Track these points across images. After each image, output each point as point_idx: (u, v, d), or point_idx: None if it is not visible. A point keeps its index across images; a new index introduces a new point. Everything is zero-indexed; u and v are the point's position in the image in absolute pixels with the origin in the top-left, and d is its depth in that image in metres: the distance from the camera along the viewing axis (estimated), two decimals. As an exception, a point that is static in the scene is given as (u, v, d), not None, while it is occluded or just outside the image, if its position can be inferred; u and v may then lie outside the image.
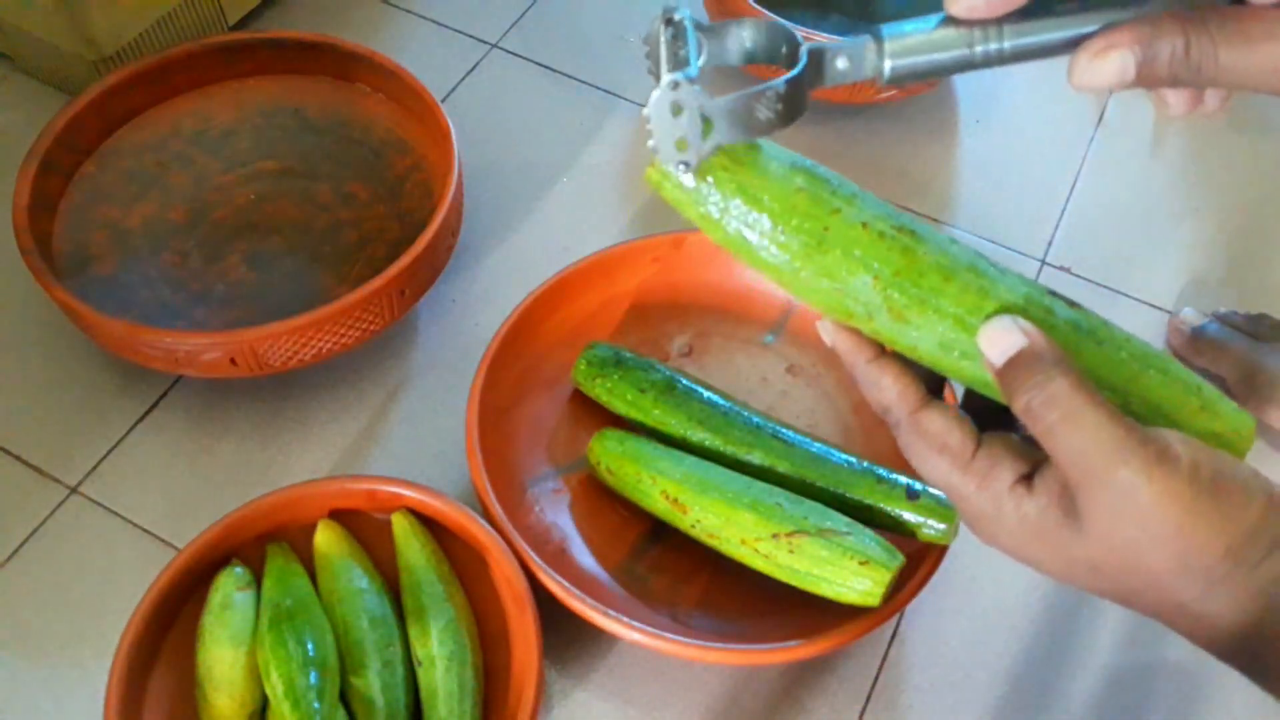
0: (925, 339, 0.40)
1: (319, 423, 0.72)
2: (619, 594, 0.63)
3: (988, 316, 0.39)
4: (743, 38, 0.40)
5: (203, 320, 0.72)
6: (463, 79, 0.92)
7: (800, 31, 0.40)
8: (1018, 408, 0.38)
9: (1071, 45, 0.38)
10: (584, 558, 0.65)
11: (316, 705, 0.55)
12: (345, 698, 0.57)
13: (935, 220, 0.85)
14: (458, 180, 0.73)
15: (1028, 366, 0.38)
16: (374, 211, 0.78)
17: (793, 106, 0.38)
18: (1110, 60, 0.37)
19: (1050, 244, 0.84)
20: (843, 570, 0.58)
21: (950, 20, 0.38)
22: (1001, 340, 0.38)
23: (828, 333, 0.43)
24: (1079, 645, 0.66)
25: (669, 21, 0.39)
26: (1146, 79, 0.37)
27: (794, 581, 0.60)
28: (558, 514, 0.66)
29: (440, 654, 0.58)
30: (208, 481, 0.70)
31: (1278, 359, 0.72)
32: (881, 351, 0.42)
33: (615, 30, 0.97)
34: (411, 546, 0.62)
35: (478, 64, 0.94)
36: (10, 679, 0.62)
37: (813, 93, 0.39)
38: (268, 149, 0.81)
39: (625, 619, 0.57)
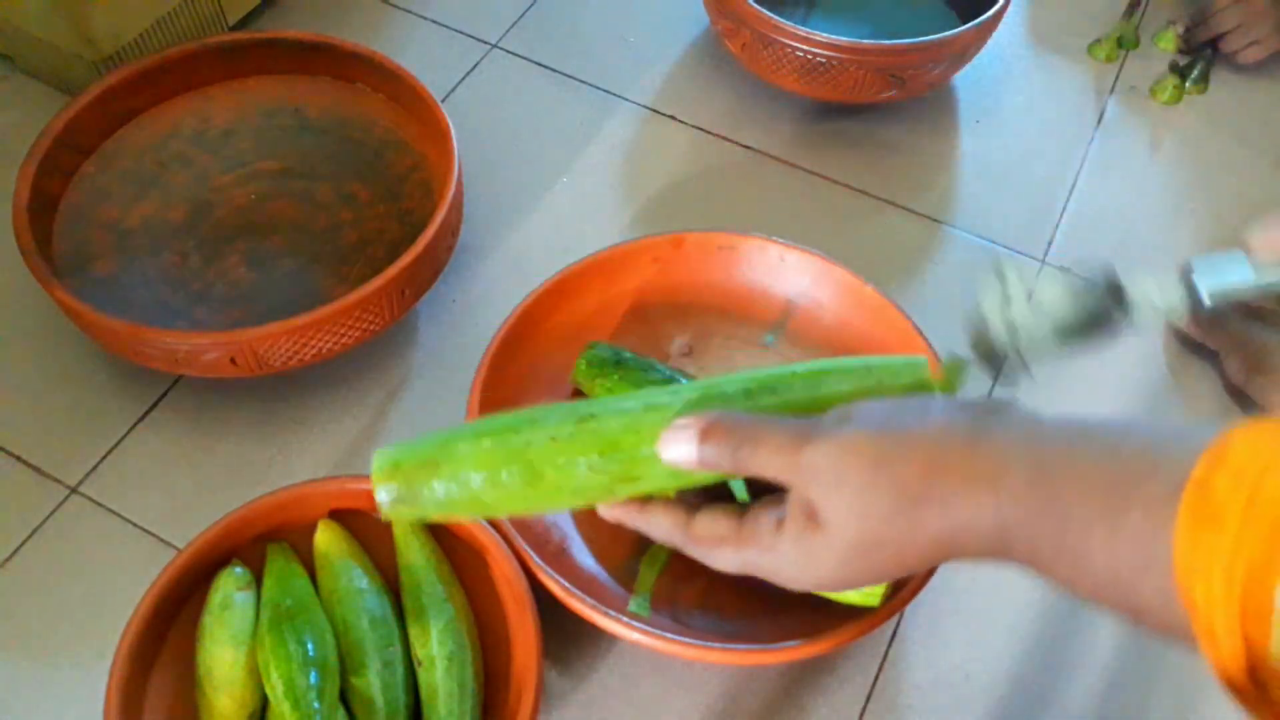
0: (655, 479, 0.46)
1: (319, 423, 0.72)
2: (619, 594, 0.63)
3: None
4: (1079, 301, 0.42)
5: (203, 320, 0.72)
6: (463, 79, 0.92)
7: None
8: (727, 471, 0.43)
9: None
10: (584, 558, 0.64)
11: (316, 705, 0.55)
12: (345, 698, 0.57)
13: (935, 220, 0.85)
14: (458, 180, 0.73)
15: (707, 441, 0.43)
16: (374, 211, 0.78)
17: (1114, 303, 0.41)
18: None
19: (1050, 244, 0.84)
20: (843, 570, 0.58)
21: (1248, 251, 0.41)
22: (673, 444, 0.44)
23: (605, 514, 0.48)
24: (1079, 645, 0.66)
25: (1005, 296, 0.43)
26: None
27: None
28: (557, 514, 0.66)
29: (440, 654, 0.58)
30: (208, 481, 0.70)
31: (1271, 333, 0.72)
32: (645, 503, 0.47)
33: (615, 30, 0.97)
34: (411, 546, 0.62)
35: (478, 64, 0.94)
36: (10, 679, 0.62)
37: (1125, 327, 0.42)
38: (268, 149, 0.81)
39: (625, 619, 0.57)
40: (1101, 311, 0.41)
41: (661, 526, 0.46)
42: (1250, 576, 0.31)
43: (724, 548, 0.45)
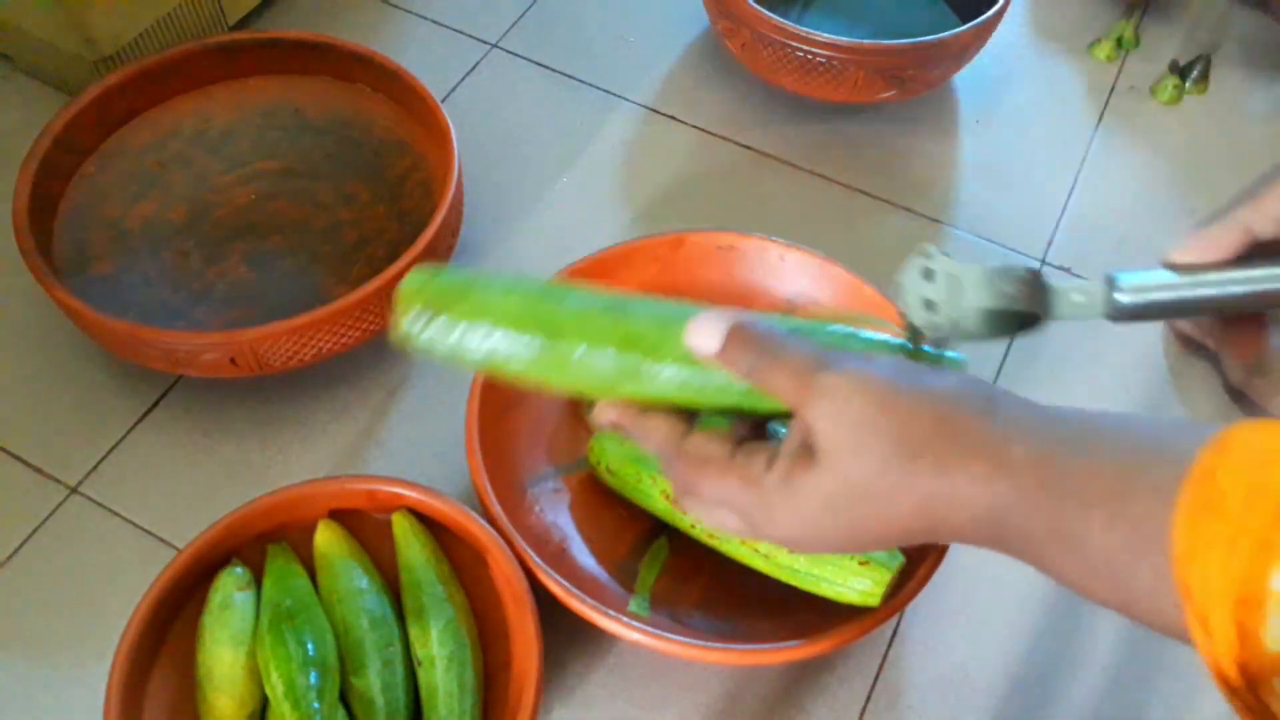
0: (666, 384, 0.44)
1: (319, 423, 0.72)
2: (619, 594, 0.63)
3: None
4: (1000, 283, 0.43)
5: (203, 320, 0.72)
6: (463, 79, 0.92)
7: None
8: (742, 374, 0.42)
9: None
10: (584, 558, 0.64)
11: (316, 705, 0.55)
12: (345, 698, 0.57)
13: (935, 220, 0.85)
14: (458, 180, 0.73)
15: (734, 338, 0.42)
16: (374, 211, 0.78)
17: (1034, 297, 0.42)
18: None
19: (1050, 244, 0.84)
20: (843, 570, 0.58)
21: (1171, 266, 0.41)
22: (702, 332, 0.42)
23: (601, 416, 0.46)
24: (1079, 645, 0.66)
25: (926, 270, 0.43)
26: None
27: (794, 581, 0.60)
28: (558, 514, 0.66)
29: (440, 654, 0.58)
30: (208, 481, 0.70)
31: (1272, 332, 0.72)
32: (645, 409, 0.45)
33: (615, 30, 0.97)
34: (411, 546, 0.62)
35: (478, 64, 0.94)
36: (10, 679, 0.62)
37: (1052, 316, 0.42)
38: (268, 149, 0.81)
39: (625, 619, 0.57)
40: (1019, 300, 0.42)
41: (657, 433, 0.44)
42: (1247, 563, 0.31)
43: (708, 471, 0.43)
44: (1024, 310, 0.42)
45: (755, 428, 0.45)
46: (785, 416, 0.43)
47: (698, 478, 0.43)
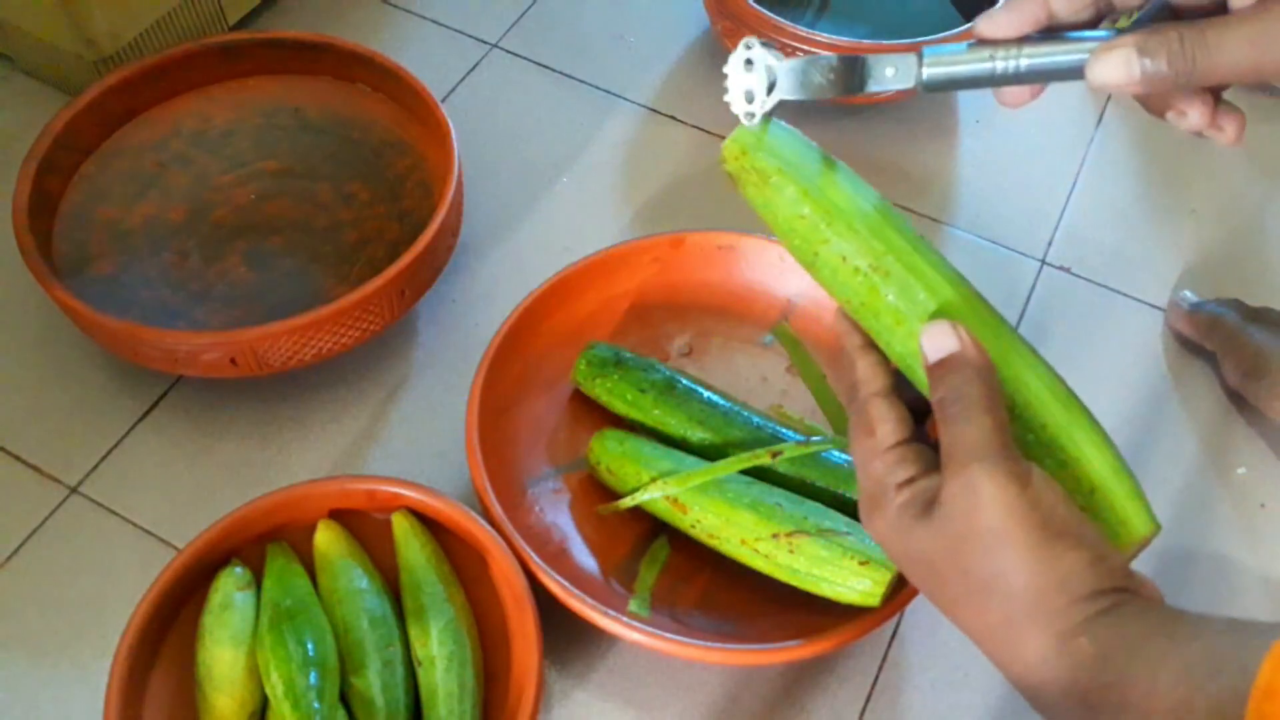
0: (894, 345, 0.46)
1: (319, 423, 0.72)
2: (619, 594, 0.63)
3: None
4: (811, 72, 0.46)
5: (203, 320, 0.72)
6: (463, 79, 0.92)
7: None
8: (934, 400, 0.42)
9: (1068, 71, 0.44)
10: (584, 558, 0.65)
11: (316, 705, 0.55)
12: (345, 698, 0.57)
13: (935, 220, 0.85)
14: (458, 180, 0.73)
15: (953, 367, 0.42)
16: (374, 211, 0.78)
17: (847, 81, 0.45)
18: (1115, 54, 0.41)
19: (1050, 244, 0.84)
20: (843, 570, 0.58)
21: (980, 41, 0.44)
22: (937, 339, 0.43)
23: (841, 321, 0.48)
24: (1079, 645, 0.66)
25: (747, 61, 0.46)
26: (1151, 79, 0.41)
27: (794, 581, 0.60)
28: (558, 514, 0.66)
29: (440, 654, 0.58)
30: (208, 481, 0.70)
31: (1268, 337, 0.72)
32: (870, 343, 0.47)
33: (615, 30, 0.97)
34: (411, 546, 0.62)
35: (478, 64, 0.94)
36: (10, 679, 0.62)
37: (864, 91, 0.46)
38: (268, 149, 0.81)
39: (625, 619, 0.57)
40: (829, 88, 0.46)
41: (859, 369, 0.46)
42: None
43: (865, 442, 0.44)
44: (836, 96, 0.46)
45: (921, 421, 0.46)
46: None
47: (855, 437, 0.45)
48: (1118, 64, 0.41)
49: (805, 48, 0.81)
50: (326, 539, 0.62)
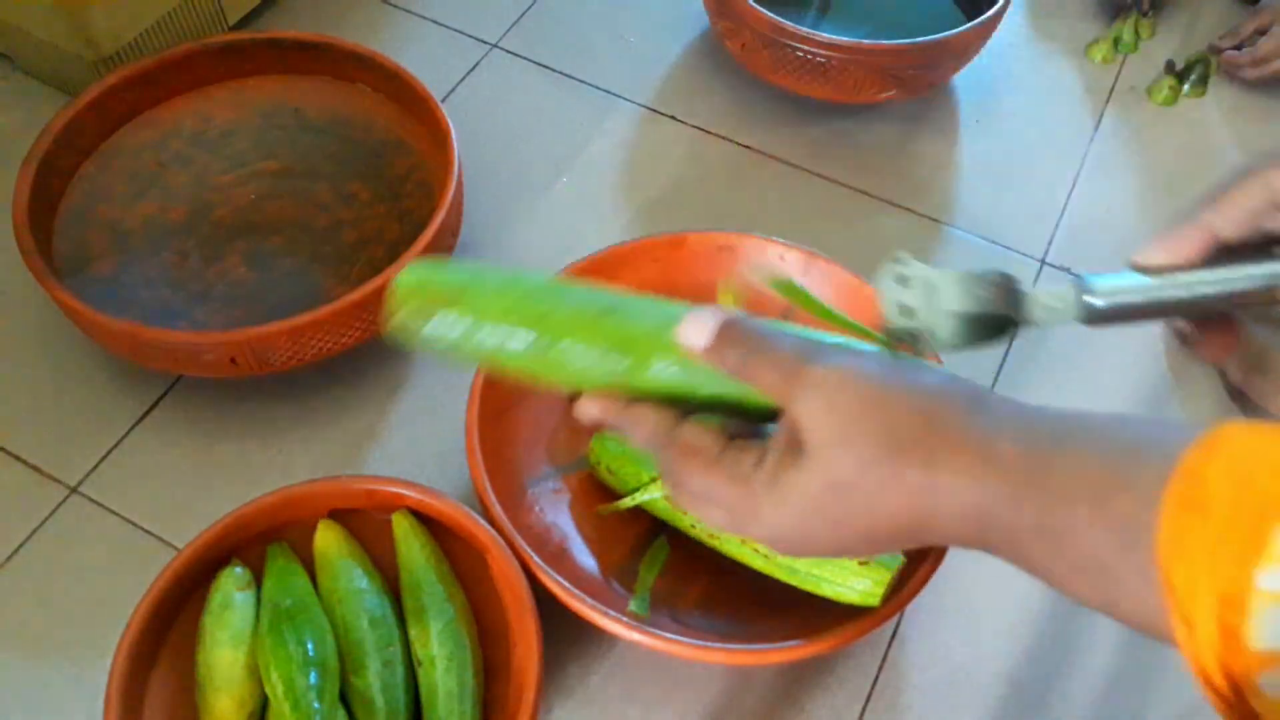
0: (656, 386, 0.44)
1: (319, 423, 0.72)
2: (619, 594, 0.63)
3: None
4: (970, 290, 0.43)
5: (203, 320, 0.72)
6: (463, 79, 0.92)
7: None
8: (730, 370, 0.42)
9: (1258, 295, 0.42)
10: (584, 558, 0.65)
11: (316, 705, 0.55)
12: (345, 698, 0.57)
13: (935, 220, 0.85)
14: (458, 180, 0.73)
15: (722, 334, 0.42)
16: (374, 211, 0.78)
17: (1007, 300, 0.43)
18: None
19: (1050, 244, 0.84)
20: (842, 570, 0.58)
21: (1140, 268, 0.42)
22: (693, 329, 0.42)
23: (586, 411, 0.46)
24: (1079, 645, 0.66)
25: (900, 276, 0.44)
26: None
27: (793, 581, 0.60)
28: (558, 514, 0.66)
29: (440, 654, 0.58)
30: (208, 481, 0.70)
31: (1271, 333, 0.72)
32: (633, 400, 0.45)
33: (615, 30, 0.97)
34: (411, 546, 0.62)
35: (478, 64, 0.94)
36: (10, 679, 0.62)
37: (1030, 321, 0.43)
38: (268, 149, 0.81)
39: (625, 619, 0.57)
40: (992, 303, 0.43)
41: (647, 423, 0.44)
42: (1232, 562, 0.31)
43: (695, 463, 0.42)
44: (998, 314, 0.43)
45: (747, 426, 0.45)
46: (775, 417, 0.43)
47: (685, 468, 0.43)
48: None
49: (805, 47, 0.81)
50: (326, 539, 0.62)
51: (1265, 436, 0.33)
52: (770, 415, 0.44)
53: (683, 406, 0.45)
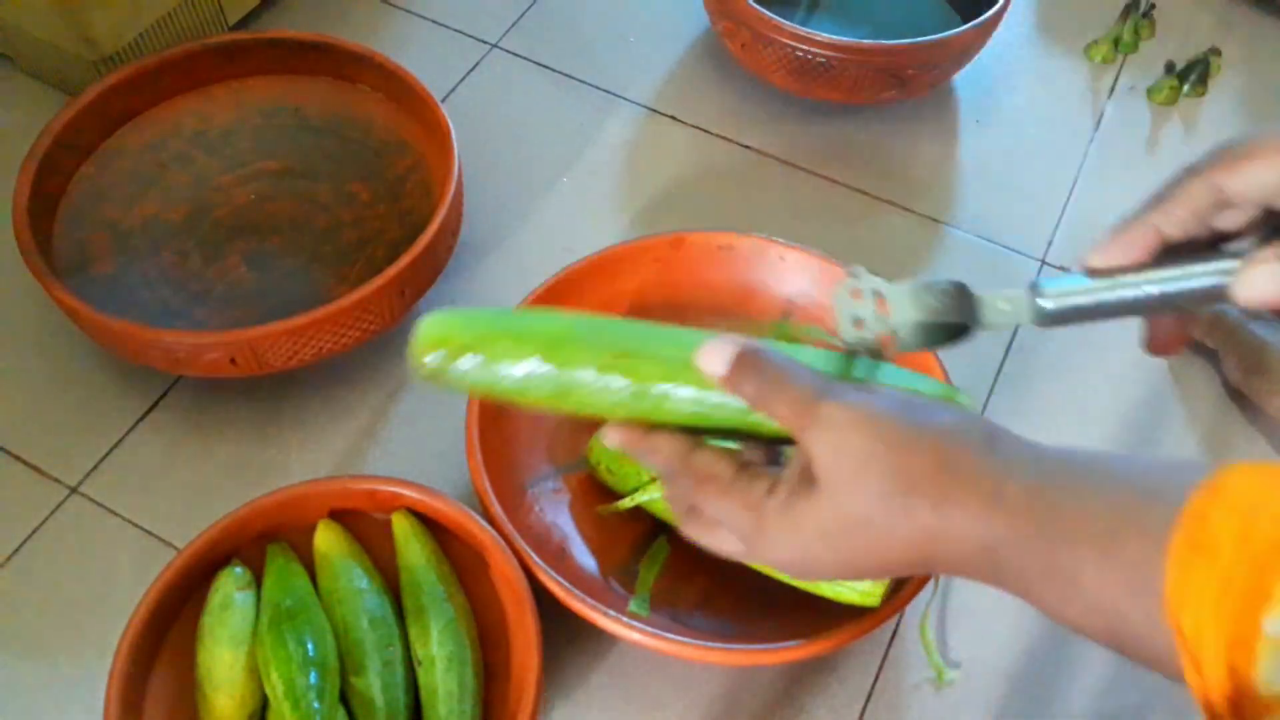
0: (675, 419, 0.46)
1: (319, 423, 0.72)
2: (619, 594, 0.63)
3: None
4: (921, 300, 0.44)
5: (203, 320, 0.72)
6: (463, 79, 0.92)
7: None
8: (747, 399, 0.43)
9: (1205, 294, 0.41)
10: (584, 558, 0.65)
11: (316, 705, 0.55)
12: (345, 698, 0.57)
13: (935, 220, 0.85)
14: (458, 180, 0.73)
15: (740, 364, 0.43)
16: (374, 211, 0.78)
17: (960, 307, 0.43)
18: (1262, 271, 0.39)
19: (1050, 244, 0.84)
20: (843, 570, 0.58)
21: (1091, 270, 0.43)
22: (711, 357, 0.43)
23: (611, 438, 0.47)
24: (1079, 645, 0.66)
25: (855, 290, 0.45)
26: None
27: (793, 581, 0.60)
28: (558, 514, 0.66)
29: (440, 654, 0.58)
30: (208, 481, 0.70)
31: (1269, 333, 0.72)
32: (651, 428, 0.46)
33: (615, 30, 0.97)
34: (411, 546, 0.62)
35: (478, 64, 0.94)
36: (10, 679, 0.62)
37: (984, 325, 0.44)
38: (268, 149, 0.81)
39: (625, 619, 0.57)
40: (945, 311, 0.44)
41: (662, 451, 0.45)
42: (1239, 606, 0.31)
43: (710, 489, 0.43)
44: (952, 321, 0.43)
45: (763, 452, 0.46)
46: (790, 440, 0.43)
47: (699, 495, 0.44)
48: (1266, 279, 0.39)
49: (805, 47, 0.81)
50: (326, 539, 0.62)
51: (1267, 479, 0.33)
52: (785, 439, 0.45)
53: (699, 431, 0.46)
